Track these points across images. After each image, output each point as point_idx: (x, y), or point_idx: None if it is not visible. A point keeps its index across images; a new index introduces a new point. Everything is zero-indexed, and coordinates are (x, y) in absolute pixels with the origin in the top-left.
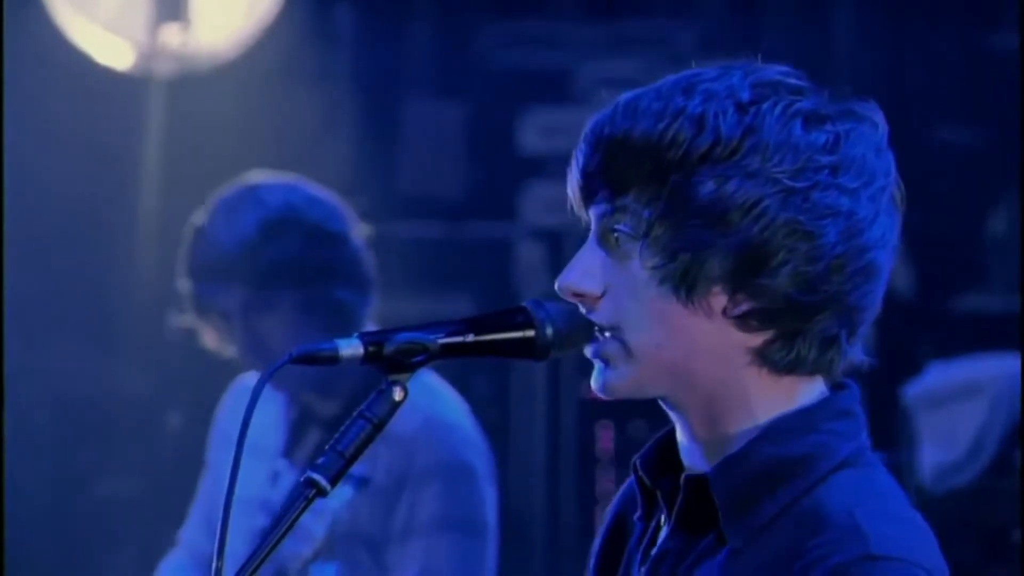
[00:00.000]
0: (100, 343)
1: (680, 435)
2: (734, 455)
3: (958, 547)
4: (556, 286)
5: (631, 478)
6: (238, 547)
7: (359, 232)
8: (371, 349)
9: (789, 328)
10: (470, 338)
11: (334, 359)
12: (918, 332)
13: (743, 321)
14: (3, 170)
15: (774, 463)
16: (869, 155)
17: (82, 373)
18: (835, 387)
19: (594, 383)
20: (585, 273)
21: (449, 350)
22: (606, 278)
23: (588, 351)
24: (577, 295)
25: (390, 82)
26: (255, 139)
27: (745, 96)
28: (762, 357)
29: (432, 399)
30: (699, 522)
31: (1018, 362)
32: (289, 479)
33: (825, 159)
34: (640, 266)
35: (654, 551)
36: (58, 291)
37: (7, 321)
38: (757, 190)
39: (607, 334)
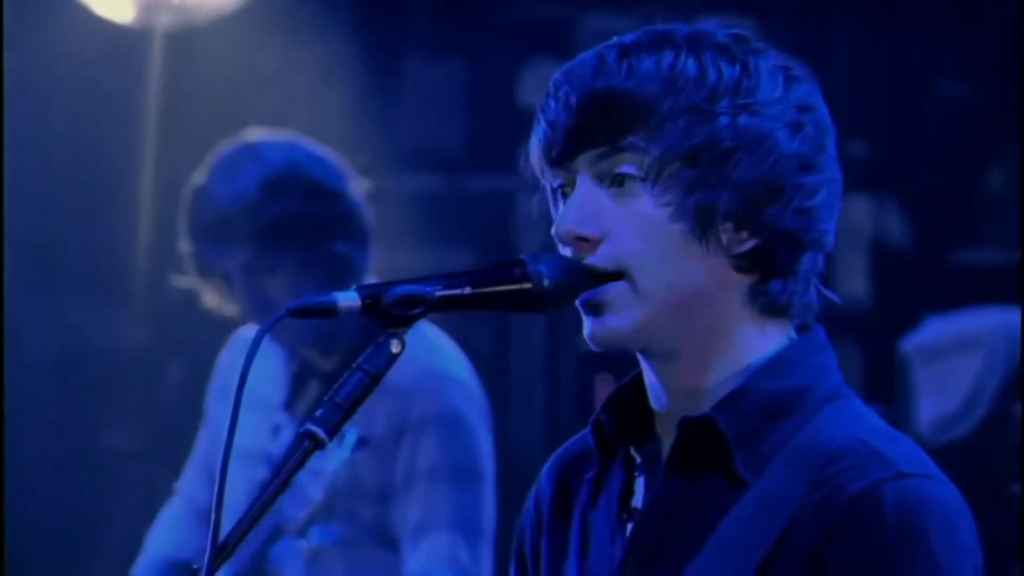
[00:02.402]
0: (101, 296)
1: (657, 385)
2: (734, 392)
3: None
4: (554, 231)
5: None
6: (238, 499)
7: (357, 187)
8: (368, 302)
9: (782, 268)
10: (468, 291)
11: (332, 312)
12: (915, 286)
13: (742, 260)
14: (4, 123)
15: (774, 397)
16: (823, 104)
17: (83, 325)
18: (800, 328)
19: (591, 330)
20: (585, 217)
21: (447, 303)
22: (607, 221)
23: (585, 298)
24: (580, 239)
25: (390, 35)
26: (255, 93)
27: (729, 44)
28: (754, 299)
29: (429, 350)
30: (696, 466)
31: (1015, 315)
32: (290, 432)
33: (809, 100)
34: (653, 204)
35: (638, 503)
36: (59, 244)
37: (8, 274)
38: (766, 125)
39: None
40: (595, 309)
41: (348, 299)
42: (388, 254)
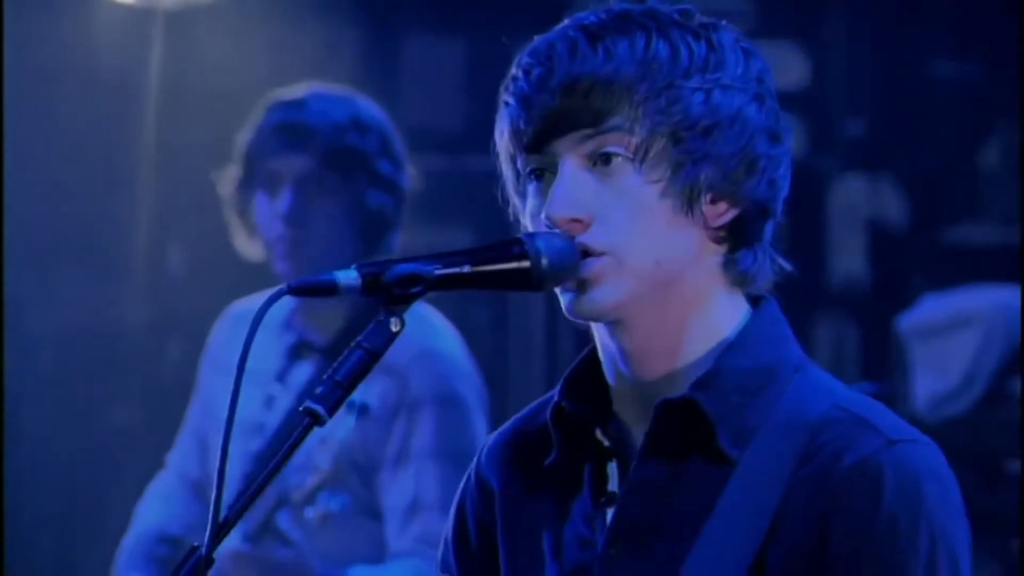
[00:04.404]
0: (101, 273)
1: (623, 361)
2: (709, 372)
3: None
4: (544, 215)
5: (489, 447)
6: (232, 470)
7: (409, 171)
8: (369, 280)
9: (753, 238)
10: (467, 269)
11: (332, 290)
12: (912, 264)
13: (719, 232)
14: (3, 101)
15: (749, 376)
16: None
17: (83, 302)
18: (753, 300)
19: (572, 303)
20: (574, 199)
21: (446, 281)
22: (596, 202)
23: (577, 274)
24: (572, 221)
25: (389, 14)
26: (255, 71)
27: (687, 21)
28: (726, 270)
29: (425, 330)
30: (677, 446)
31: (1011, 292)
32: (283, 403)
33: (764, 72)
34: (641, 182)
35: (614, 487)
36: (59, 221)
37: (8, 251)
38: (736, 99)
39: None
40: (581, 284)
41: (348, 278)
42: None
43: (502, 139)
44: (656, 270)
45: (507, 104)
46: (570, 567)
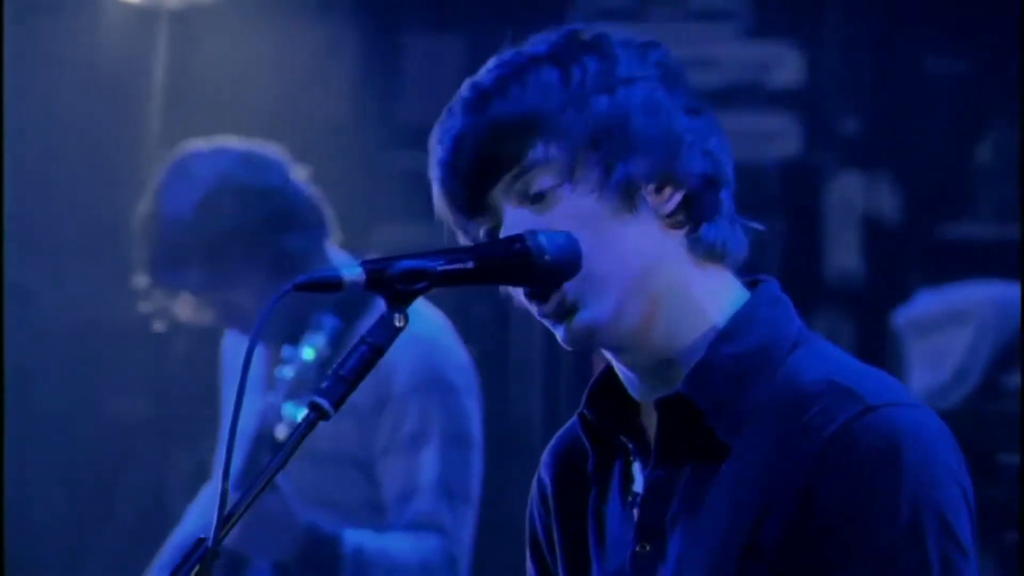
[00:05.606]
0: (108, 268)
1: (631, 375)
2: (698, 364)
3: None
4: None
5: (550, 452)
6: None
7: (296, 175)
8: (373, 276)
9: (708, 211)
10: (470, 265)
11: (337, 286)
12: (907, 260)
13: (672, 216)
14: (3, 97)
15: (740, 361)
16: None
17: (89, 297)
18: (751, 284)
19: (565, 331)
20: None
21: (449, 277)
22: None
23: (546, 310)
24: None
25: (390, 12)
26: (258, 69)
27: (570, 41)
28: (693, 249)
29: (413, 317)
30: (682, 442)
31: (1005, 288)
32: (276, 407)
33: (666, 58)
34: (580, 199)
35: (639, 488)
36: (66, 216)
37: (14, 245)
38: (640, 88)
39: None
40: (567, 315)
41: (353, 274)
42: (388, 230)
43: (446, 216)
44: (628, 271)
45: (435, 181)
46: (611, 569)
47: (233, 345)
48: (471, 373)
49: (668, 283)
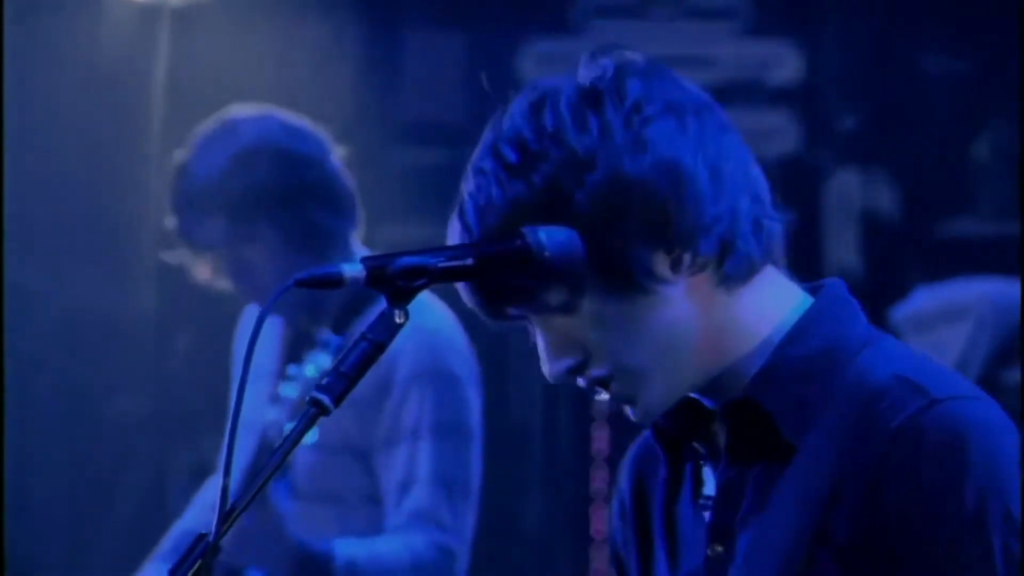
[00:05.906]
0: (109, 264)
1: (697, 392)
2: (763, 368)
3: None
4: (550, 379)
5: (629, 460)
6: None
7: (336, 156)
8: (374, 273)
9: (727, 247)
10: (470, 262)
11: (338, 283)
12: (905, 256)
13: (693, 267)
14: (3, 96)
15: (802, 362)
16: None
17: (91, 294)
18: (814, 289)
19: (635, 417)
20: (563, 352)
21: (450, 274)
22: (577, 342)
23: (613, 397)
24: (574, 371)
25: (391, 9)
26: (260, 67)
27: (519, 138)
28: (724, 284)
29: (418, 309)
30: (751, 442)
31: (1003, 285)
32: (287, 398)
33: (627, 112)
34: (600, 300)
35: (710, 491)
36: (68, 213)
37: (15, 241)
38: (608, 168)
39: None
40: (624, 402)
41: (353, 270)
42: (389, 227)
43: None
44: (663, 355)
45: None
46: (684, 572)
47: (245, 332)
48: (474, 364)
49: (708, 329)
